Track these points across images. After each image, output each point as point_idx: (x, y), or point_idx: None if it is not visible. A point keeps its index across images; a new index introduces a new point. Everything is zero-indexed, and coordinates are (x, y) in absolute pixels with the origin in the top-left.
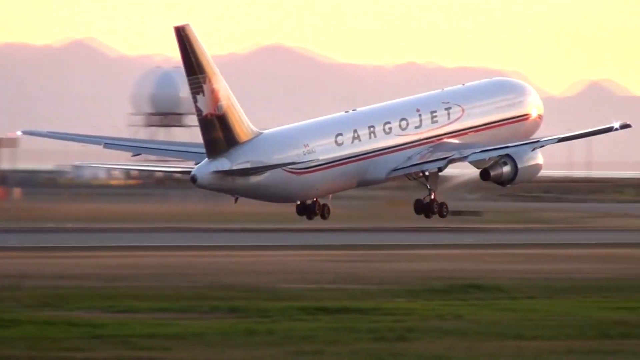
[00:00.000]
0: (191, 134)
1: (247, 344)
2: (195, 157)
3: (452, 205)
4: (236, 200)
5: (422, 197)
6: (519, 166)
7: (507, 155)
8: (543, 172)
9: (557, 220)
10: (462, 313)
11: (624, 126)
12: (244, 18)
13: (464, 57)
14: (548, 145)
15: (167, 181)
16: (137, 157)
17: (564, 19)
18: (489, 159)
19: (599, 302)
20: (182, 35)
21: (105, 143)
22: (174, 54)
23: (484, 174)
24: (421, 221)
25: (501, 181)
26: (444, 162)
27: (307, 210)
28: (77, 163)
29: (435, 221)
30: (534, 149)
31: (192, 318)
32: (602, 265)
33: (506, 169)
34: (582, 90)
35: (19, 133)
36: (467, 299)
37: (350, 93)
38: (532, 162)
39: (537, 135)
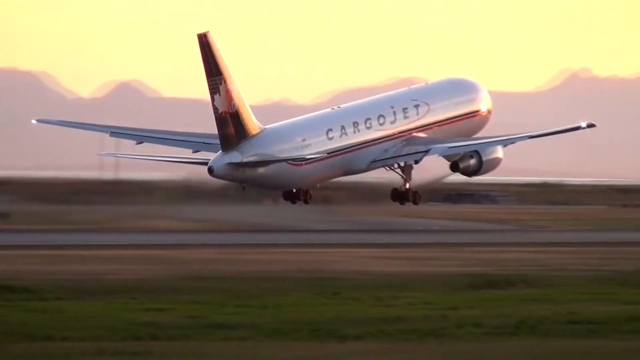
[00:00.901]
0: None
1: None
2: (194, 146)
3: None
4: (244, 188)
5: (397, 186)
6: (484, 159)
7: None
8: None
9: (86, 222)
10: None
11: (590, 125)
12: None
13: None
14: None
15: None
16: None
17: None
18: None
19: (128, 303)
20: (204, 41)
21: (111, 132)
22: None
23: (454, 166)
24: None
25: (468, 172)
26: (421, 155)
27: (293, 196)
28: (103, 153)
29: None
30: (505, 145)
31: None
32: (131, 267)
33: (473, 161)
34: (111, 90)
35: (33, 121)
36: None
37: None
38: (495, 156)
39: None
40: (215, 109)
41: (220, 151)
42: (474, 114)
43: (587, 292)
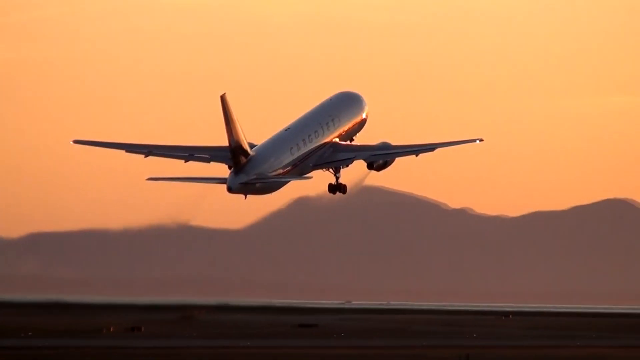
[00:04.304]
0: None
1: None
2: (185, 157)
3: None
4: (245, 197)
5: (332, 182)
6: (388, 159)
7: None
8: None
9: None
10: None
11: (480, 140)
12: None
13: None
14: None
15: None
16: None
17: None
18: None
19: None
20: (223, 100)
21: (127, 149)
22: None
23: (370, 165)
24: None
25: (378, 169)
26: (351, 160)
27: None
28: (149, 178)
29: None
30: (417, 155)
31: None
32: None
33: (381, 162)
34: None
35: (71, 142)
36: None
37: None
38: (394, 158)
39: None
40: (229, 144)
41: (232, 172)
42: (361, 119)
43: None
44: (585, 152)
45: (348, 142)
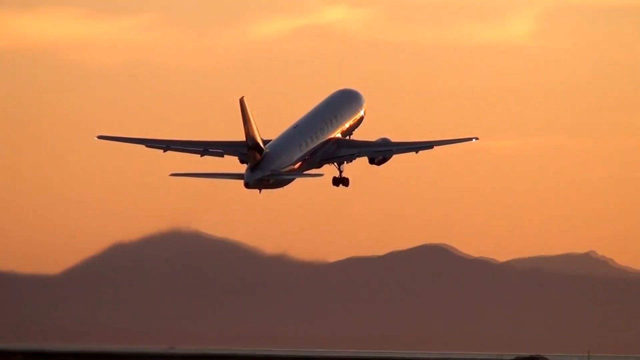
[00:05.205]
0: None
1: None
2: (200, 152)
3: None
4: (260, 191)
5: (336, 175)
6: (387, 155)
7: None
8: None
9: None
10: None
11: (476, 138)
12: None
13: None
14: None
15: None
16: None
17: None
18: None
19: None
20: (242, 102)
21: (147, 144)
22: None
23: (371, 161)
24: None
25: (379, 163)
26: (355, 156)
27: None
28: (172, 173)
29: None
30: (417, 151)
31: None
32: None
33: (381, 157)
34: None
35: (96, 138)
36: None
37: None
38: (392, 153)
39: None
40: (247, 142)
41: (248, 169)
42: (360, 117)
43: None
44: (401, 198)
45: (350, 138)
